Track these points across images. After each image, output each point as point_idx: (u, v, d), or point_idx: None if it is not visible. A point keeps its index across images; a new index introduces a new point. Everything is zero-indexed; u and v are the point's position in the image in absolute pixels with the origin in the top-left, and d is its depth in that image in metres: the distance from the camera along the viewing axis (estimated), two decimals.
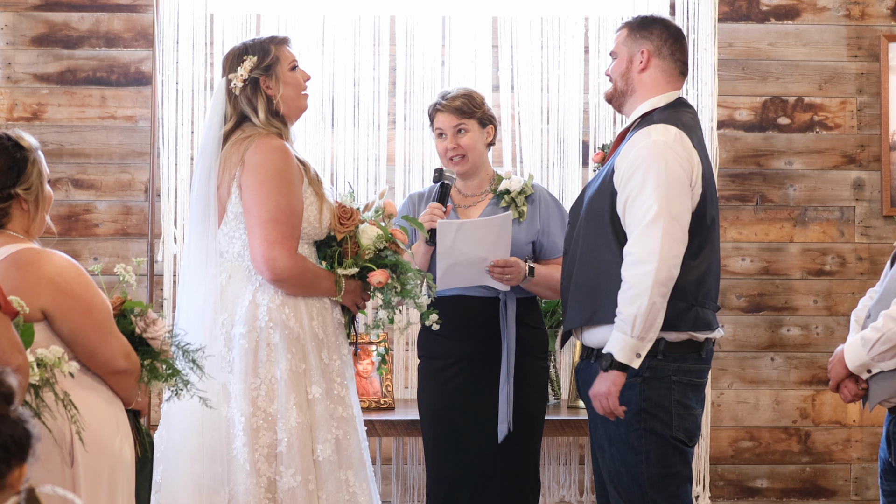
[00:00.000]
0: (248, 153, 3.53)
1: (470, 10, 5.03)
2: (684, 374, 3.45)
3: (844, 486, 5.17)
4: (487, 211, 4.15)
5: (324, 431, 3.51)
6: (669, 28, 3.62)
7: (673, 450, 3.45)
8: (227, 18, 4.97)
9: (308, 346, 3.54)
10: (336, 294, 3.59)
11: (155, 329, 3.08)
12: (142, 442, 3.17)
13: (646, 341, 3.33)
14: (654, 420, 3.43)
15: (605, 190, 3.48)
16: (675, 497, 3.45)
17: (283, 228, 3.48)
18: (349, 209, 3.62)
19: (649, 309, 3.29)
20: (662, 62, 3.58)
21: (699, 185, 3.43)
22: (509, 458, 4.06)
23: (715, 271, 3.53)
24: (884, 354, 3.37)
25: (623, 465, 3.46)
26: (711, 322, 3.49)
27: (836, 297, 5.16)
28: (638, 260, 3.33)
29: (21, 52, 5.01)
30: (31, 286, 2.87)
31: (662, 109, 3.53)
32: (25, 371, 2.65)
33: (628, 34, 3.60)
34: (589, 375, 3.52)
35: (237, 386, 3.47)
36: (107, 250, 5.02)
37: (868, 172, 5.17)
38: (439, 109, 4.16)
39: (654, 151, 3.39)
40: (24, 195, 2.98)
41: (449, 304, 4.06)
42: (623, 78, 3.60)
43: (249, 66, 3.60)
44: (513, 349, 4.04)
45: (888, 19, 5.16)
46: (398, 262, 3.64)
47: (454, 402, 4.07)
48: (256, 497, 3.44)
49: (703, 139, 3.55)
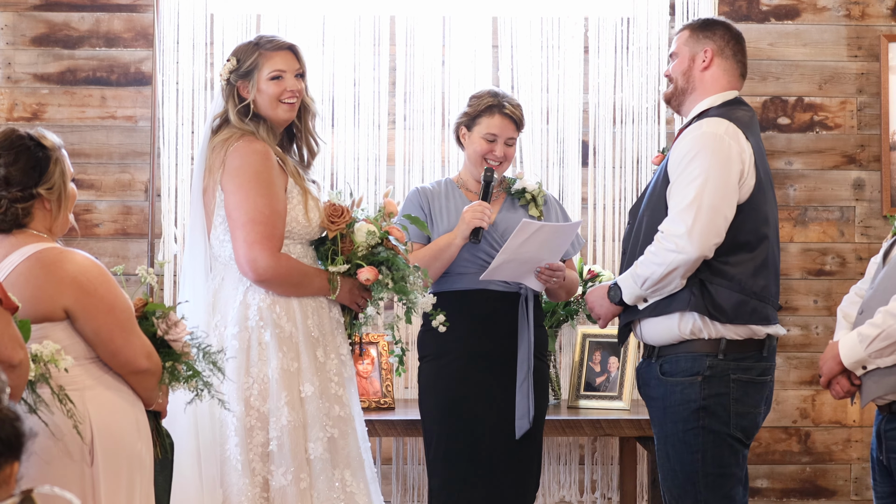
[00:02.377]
0: (228, 156, 3.58)
1: (470, 10, 5.03)
2: (744, 373, 3.50)
3: (844, 486, 5.17)
4: (504, 210, 4.15)
5: (316, 430, 3.51)
6: (731, 30, 3.72)
7: (729, 449, 3.49)
8: (227, 18, 4.97)
9: (301, 345, 3.54)
10: (330, 292, 3.59)
11: (177, 331, 3.08)
12: (162, 443, 3.16)
13: (653, 297, 3.53)
14: (712, 418, 3.48)
15: (662, 185, 3.57)
16: (727, 498, 3.49)
17: (263, 229, 3.51)
18: (339, 207, 3.63)
19: (660, 278, 3.48)
20: (725, 62, 3.66)
21: (752, 177, 3.50)
22: (518, 457, 4.05)
23: (773, 267, 3.58)
24: (882, 351, 3.37)
25: (678, 463, 3.50)
26: (770, 317, 3.54)
27: (836, 297, 5.16)
28: (668, 237, 3.46)
29: (21, 52, 5.01)
30: (54, 285, 2.87)
31: (718, 107, 3.60)
32: (25, 367, 2.65)
33: (690, 34, 3.70)
34: (649, 375, 3.60)
35: (230, 386, 3.48)
36: (107, 250, 5.02)
37: (868, 172, 5.17)
38: (503, 114, 4.08)
39: (703, 141, 3.49)
40: (47, 195, 2.98)
41: (470, 298, 4.05)
42: (685, 76, 3.68)
43: (230, 67, 3.70)
44: (532, 344, 4.04)
45: (888, 19, 5.16)
46: (391, 259, 3.64)
47: (468, 398, 4.03)
48: (250, 497, 3.44)
49: (759, 135, 3.62)
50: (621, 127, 5.08)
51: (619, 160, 5.08)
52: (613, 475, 5.07)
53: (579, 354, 4.80)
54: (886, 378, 3.40)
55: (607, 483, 5.08)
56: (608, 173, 5.08)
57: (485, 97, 4.12)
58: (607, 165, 5.08)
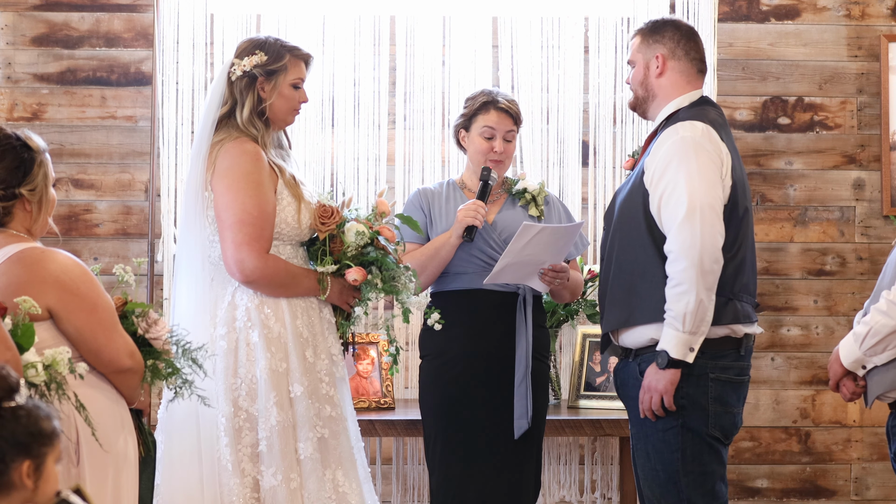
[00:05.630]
0: (219, 157, 3.55)
1: (470, 10, 5.03)
2: (722, 372, 3.47)
3: (844, 486, 5.17)
4: (505, 211, 4.14)
5: (306, 430, 3.51)
6: (681, 28, 3.65)
7: (708, 448, 3.47)
8: (227, 18, 4.97)
9: (290, 346, 3.54)
10: (319, 293, 3.59)
11: (157, 329, 3.09)
12: (145, 441, 3.18)
13: (698, 335, 3.38)
14: (691, 417, 3.45)
15: (637, 191, 3.51)
16: (710, 494, 3.48)
17: (250, 230, 3.50)
18: (329, 208, 3.61)
19: (697, 305, 3.34)
20: (678, 63, 3.61)
21: (729, 177, 3.46)
22: (516, 456, 4.06)
23: (751, 263, 3.55)
24: (874, 349, 3.38)
25: (659, 462, 3.48)
26: (750, 314, 3.52)
27: (836, 297, 5.16)
28: (678, 256, 3.37)
29: (21, 52, 5.01)
30: (36, 284, 2.88)
31: (688, 108, 3.57)
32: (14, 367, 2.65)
33: (641, 41, 3.64)
34: (627, 375, 3.57)
35: (219, 387, 3.48)
36: (107, 250, 5.02)
37: (868, 172, 5.16)
38: (498, 109, 4.10)
39: (682, 147, 3.43)
40: (28, 196, 2.99)
41: (469, 297, 4.05)
42: (642, 85, 3.63)
43: (256, 61, 3.60)
44: (530, 344, 4.03)
45: (888, 19, 5.16)
46: (380, 260, 3.64)
47: (467, 397, 4.04)
48: (241, 497, 3.44)
49: (731, 134, 3.58)
50: (621, 127, 5.08)
51: (619, 160, 5.08)
52: (613, 475, 5.07)
53: (579, 354, 4.80)
54: (885, 375, 3.41)
55: (607, 483, 5.08)
56: (608, 173, 5.08)
57: (479, 96, 4.14)
58: (607, 165, 5.08)
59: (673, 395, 3.41)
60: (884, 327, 3.34)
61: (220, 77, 3.66)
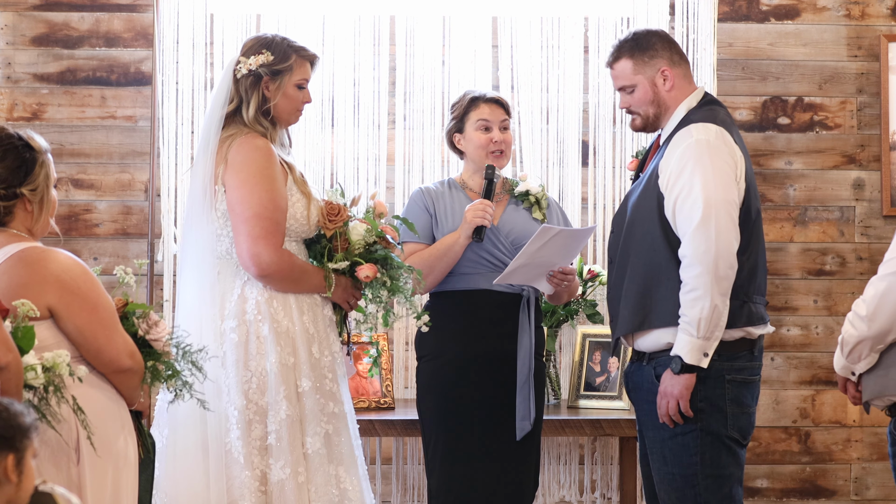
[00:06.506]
0: (231, 152, 3.56)
1: (470, 10, 5.03)
2: (738, 373, 3.47)
3: (844, 486, 5.17)
4: (508, 212, 4.14)
5: (313, 425, 3.53)
6: (661, 34, 3.67)
7: (727, 450, 3.47)
8: (227, 18, 4.97)
9: (298, 341, 3.56)
10: (325, 290, 3.60)
11: (157, 331, 3.09)
12: (144, 443, 3.18)
13: (712, 340, 3.38)
14: (710, 420, 3.45)
15: (651, 194, 3.50)
16: (728, 498, 3.47)
17: (267, 224, 3.51)
18: (337, 206, 3.64)
19: (712, 310, 3.34)
20: (678, 68, 3.63)
21: (743, 180, 3.47)
22: (517, 457, 4.06)
23: (762, 264, 3.55)
24: (850, 357, 3.35)
25: (677, 465, 3.48)
26: (763, 315, 3.52)
27: (836, 297, 5.16)
28: (693, 261, 3.36)
29: (21, 52, 5.01)
30: (37, 284, 2.88)
31: (697, 109, 3.56)
32: (16, 369, 2.65)
33: (634, 62, 3.61)
34: (642, 378, 3.55)
35: (230, 380, 3.49)
36: (107, 250, 5.02)
37: (868, 172, 5.17)
38: (487, 101, 4.11)
39: (697, 150, 3.42)
40: (30, 196, 2.99)
41: (473, 298, 4.05)
42: (653, 103, 3.61)
43: (262, 60, 3.61)
44: (532, 345, 4.04)
45: (888, 19, 5.16)
46: (388, 257, 3.65)
47: (467, 398, 4.03)
48: (251, 489, 3.45)
49: (740, 135, 3.58)
50: (621, 127, 5.08)
51: (619, 160, 5.08)
52: (613, 475, 5.07)
53: (579, 354, 4.80)
54: (869, 381, 3.37)
55: (607, 483, 5.08)
56: (608, 173, 5.08)
57: (464, 97, 4.18)
58: (607, 165, 5.08)
59: (689, 399, 3.41)
60: (851, 337, 3.30)
61: (225, 73, 3.67)
